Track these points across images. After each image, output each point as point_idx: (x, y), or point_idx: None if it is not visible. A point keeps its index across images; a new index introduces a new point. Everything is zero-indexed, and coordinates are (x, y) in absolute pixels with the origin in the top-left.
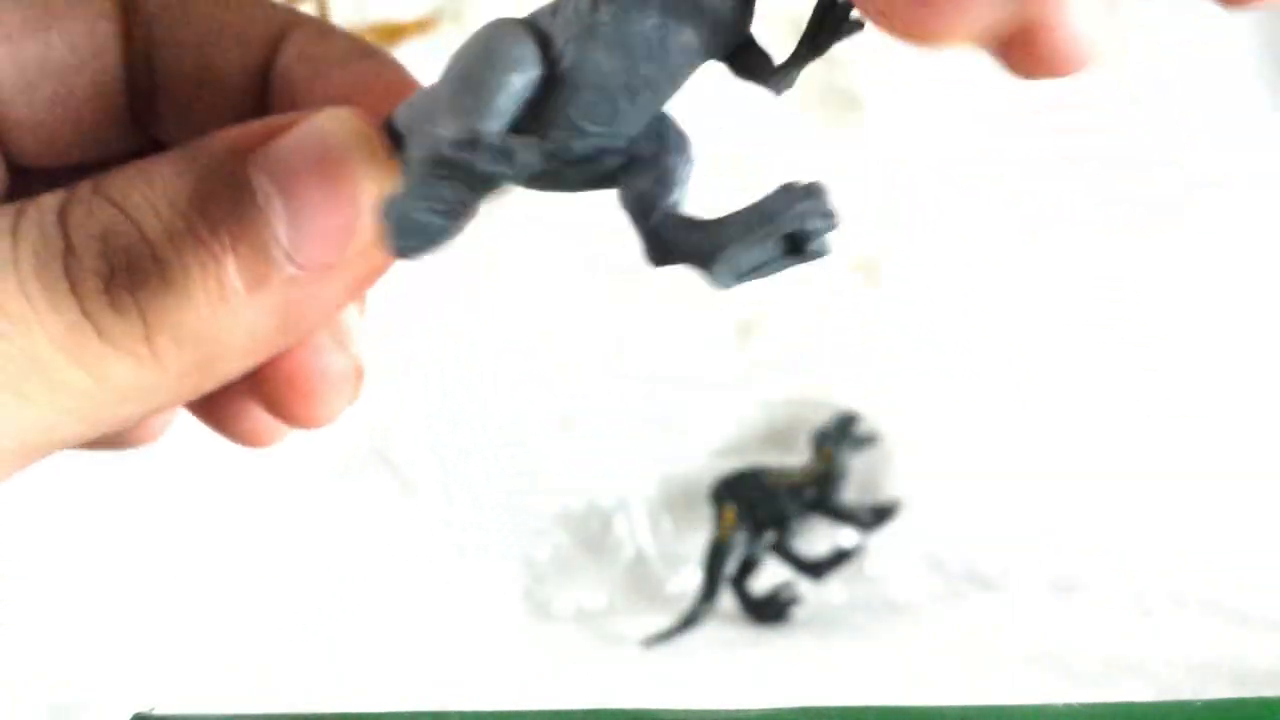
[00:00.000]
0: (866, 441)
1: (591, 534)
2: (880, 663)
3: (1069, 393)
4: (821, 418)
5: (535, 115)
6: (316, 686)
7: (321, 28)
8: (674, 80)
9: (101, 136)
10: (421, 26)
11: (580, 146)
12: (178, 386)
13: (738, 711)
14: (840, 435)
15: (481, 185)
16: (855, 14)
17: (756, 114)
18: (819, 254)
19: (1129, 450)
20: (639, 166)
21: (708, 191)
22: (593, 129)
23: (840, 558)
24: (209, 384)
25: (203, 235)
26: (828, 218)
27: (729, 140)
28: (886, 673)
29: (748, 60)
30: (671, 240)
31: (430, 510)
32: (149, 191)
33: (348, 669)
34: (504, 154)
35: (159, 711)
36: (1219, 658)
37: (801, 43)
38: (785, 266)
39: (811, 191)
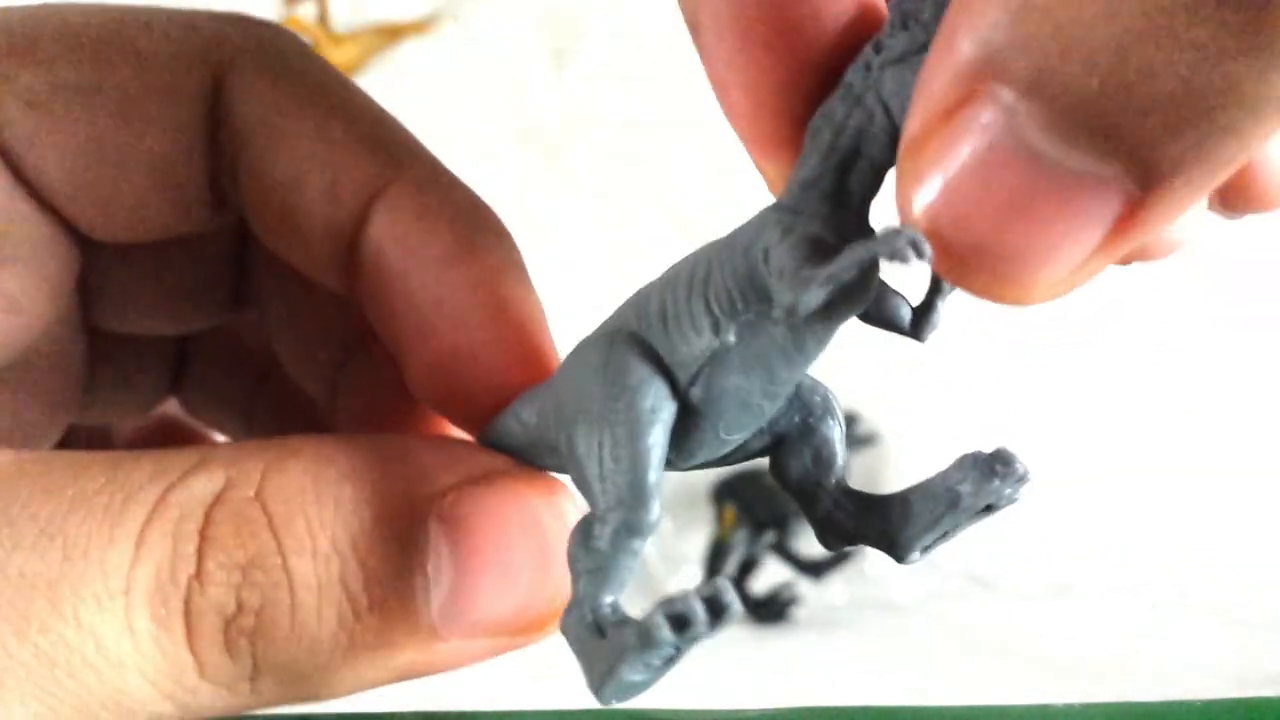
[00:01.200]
0: (866, 441)
1: None
2: (880, 663)
3: (1068, 393)
4: None
5: (674, 443)
6: None
7: (423, 185)
8: (808, 367)
9: (193, 312)
10: (421, 26)
11: (724, 453)
12: (259, 707)
13: (738, 711)
14: None
15: (690, 639)
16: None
17: None
18: (1010, 504)
19: (1128, 451)
20: (788, 445)
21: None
22: (736, 438)
23: (840, 558)
24: (298, 704)
25: (354, 590)
26: (1021, 484)
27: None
28: (886, 673)
29: (882, 314)
30: (847, 529)
31: None
32: (316, 516)
33: None
34: (722, 619)
35: None
36: (1219, 658)
37: (932, 280)
38: (968, 526)
39: (1002, 467)
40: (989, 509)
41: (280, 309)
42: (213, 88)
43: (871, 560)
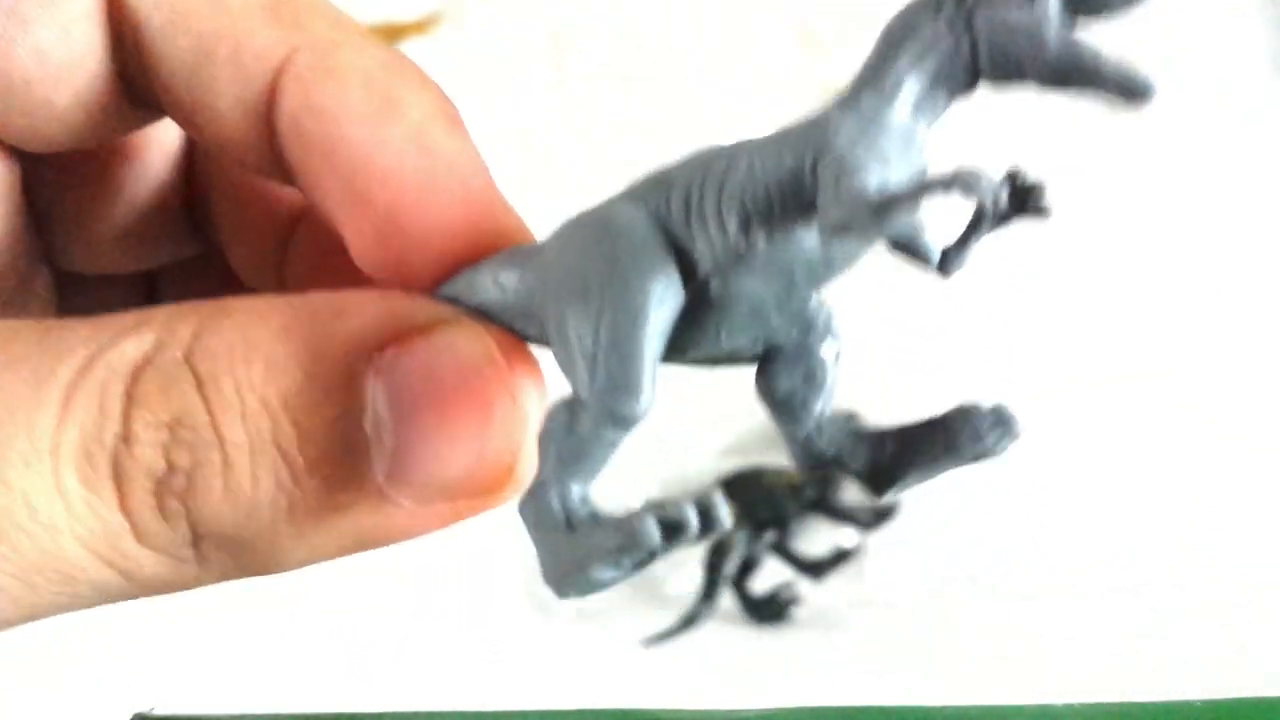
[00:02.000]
0: None
1: None
2: (880, 663)
3: (1068, 392)
4: None
5: (673, 336)
6: (316, 686)
7: (331, 45)
8: (829, 281)
9: (153, 243)
10: (421, 26)
11: (717, 353)
12: (218, 581)
13: (738, 711)
14: None
15: (673, 548)
16: (1045, 199)
17: (756, 113)
18: (993, 457)
19: (1129, 450)
20: (781, 358)
21: None
22: (735, 340)
23: (840, 558)
24: (254, 576)
25: (288, 449)
26: (1014, 436)
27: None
28: (886, 673)
29: (911, 245)
30: (828, 455)
31: None
32: (245, 374)
33: (348, 669)
34: (712, 530)
35: (159, 711)
36: (1219, 658)
37: (976, 217)
38: (954, 468)
39: (999, 417)
40: (974, 459)
41: (226, 218)
42: None
43: (871, 560)
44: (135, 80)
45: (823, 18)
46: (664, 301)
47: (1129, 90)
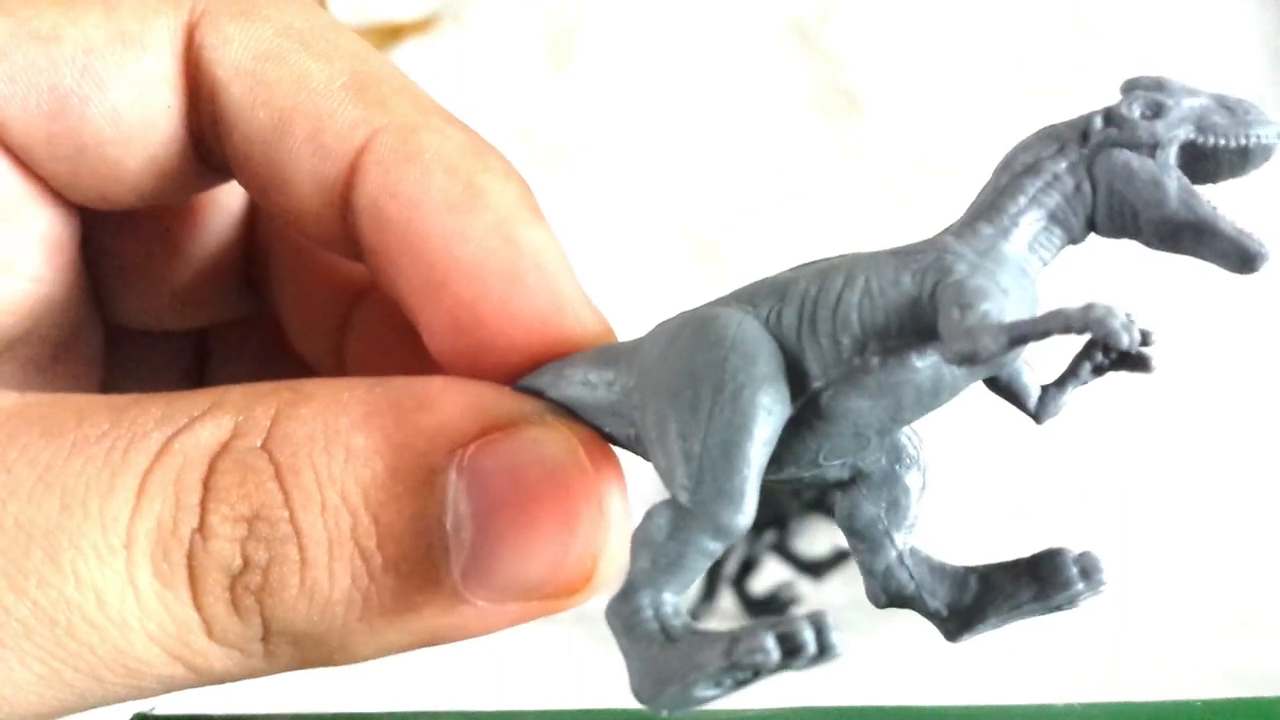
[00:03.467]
0: None
1: None
2: (880, 663)
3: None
4: None
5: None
6: (316, 686)
7: (415, 127)
8: (930, 412)
9: (208, 302)
10: (421, 26)
11: (810, 475)
12: (278, 671)
13: (738, 711)
14: None
15: (785, 670)
16: (1149, 349)
17: (756, 112)
18: (1070, 608)
19: (1128, 450)
20: (866, 485)
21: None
22: (832, 464)
23: (840, 558)
24: (319, 668)
25: (367, 546)
26: (1100, 591)
27: (728, 140)
28: (886, 673)
29: (1012, 385)
30: (908, 591)
31: None
32: (326, 466)
33: (348, 669)
34: (826, 652)
35: (159, 711)
36: (1219, 658)
37: (1078, 363)
38: (1027, 618)
39: (1088, 568)
40: (1058, 609)
41: (286, 285)
42: (185, 36)
43: None
44: (207, 146)
45: (822, 19)
46: (773, 413)
47: (1243, 253)
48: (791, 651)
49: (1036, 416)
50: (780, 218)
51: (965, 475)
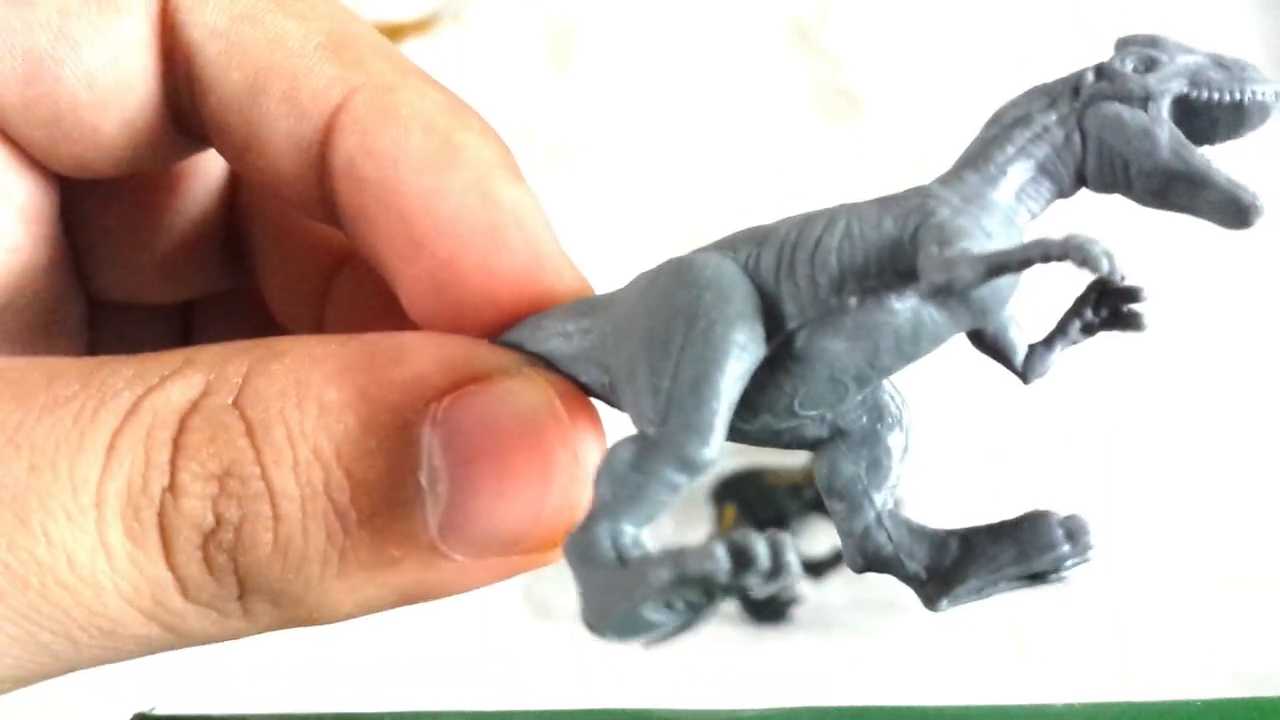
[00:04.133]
0: None
1: None
2: (880, 663)
3: (1067, 392)
4: None
5: (746, 394)
6: (316, 686)
7: (391, 86)
8: (911, 363)
9: (190, 274)
10: (421, 26)
11: (785, 425)
12: (264, 632)
13: (738, 711)
14: None
15: (738, 594)
16: (1141, 306)
17: (756, 112)
18: (1058, 583)
19: (1128, 450)
20: (847, 443)
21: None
22: (808, 413)
23: (840, 558)
24: (300, 627)
25: (340, 502)
26: (1086, 557)
27: (728, 140)
28: (886, 673)
29: (998, 341)
30: (886, 553)
31: None
32: (298, 422)
33: (348, 669)
34: (780, 569)
35: (159, 711)
36: (1219, 658)
37: (1065, 323)
38: (1013, 590)
39: (1074, 532)
40: (1037, 576)
41: (267, 255)
42: None
43: None
44: (184, 110)
45: (822, 19)
46: (745, 350)
47: (1236, 206)
48: (743, 564)
49: (1023, 375)
50: (780, 218)
51: (955, 462)
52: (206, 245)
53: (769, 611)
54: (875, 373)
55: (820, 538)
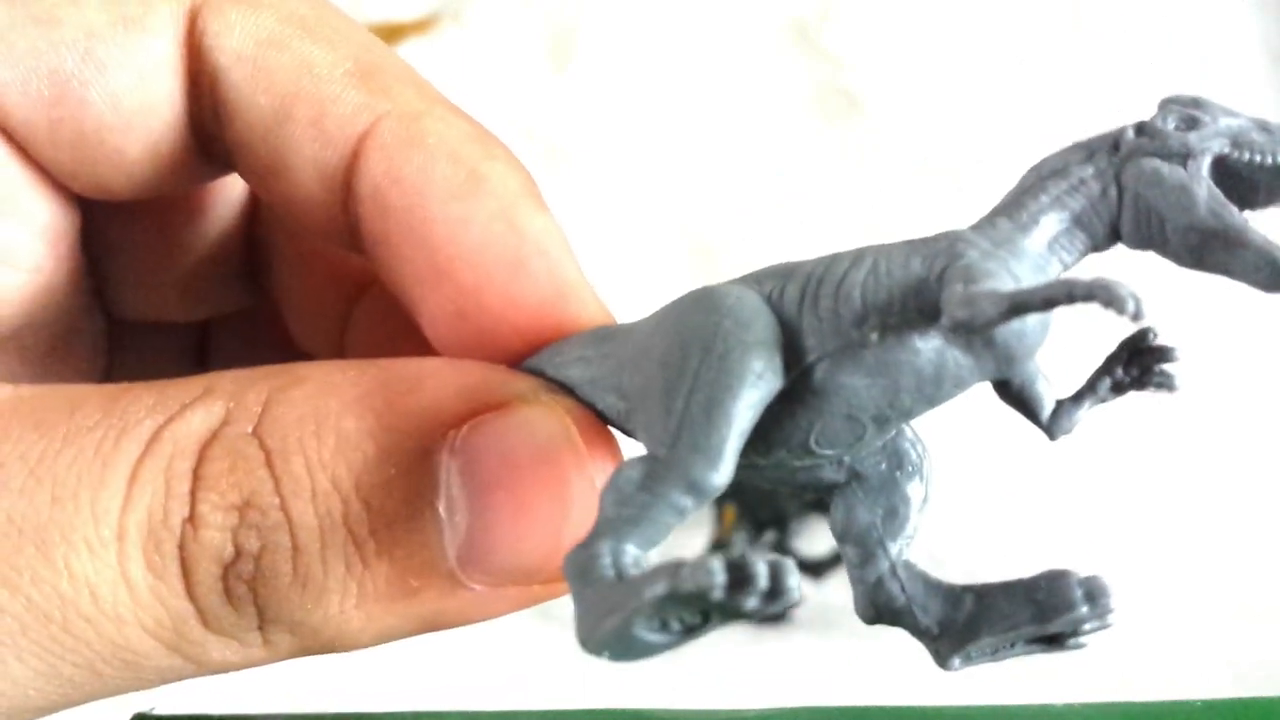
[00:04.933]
0: None
1: None
2: (880, 663)
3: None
4: None
5: (761, 426)
6: (316, 686)
7: (418, 114)
8: (933, 408)
9: (209, 294)
10: (421, 26)
11: (801, 464)
12: (283, 660)
13: (738, 711)
14: None
15: (736, 618)
16: (1172, 366)
17: (756, 112)
18: (1076, 649)
19: (1128, 450)
20: (864, 489)
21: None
22: (825, 452)
23: (840, 558)
24: (319, 655)
25: (359, 533)
26: (1106, 622)
27: (728, 140)
28: (886, 673)
29: (1025, 393)
30: (899, 605)
31: None
32: (316, 452)
33: (348, 669)
34: (779, 593)
35: (159, 711)
36: (1219, 658)
37: (1095, 380)
38: (1028, 653)
39: (1093, 594)
40: (1054, 640)
41: (287, 278)
42: (188, 21)
43: None
44: (208, 134)
45: (822, 19)
46: (762, 378)
47: (1272, 268)
48: (740, 583)
49: (1049, 431)
50: (780, 218)
51: (967, 486)
52: (226, 266)
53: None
54: (895, 414)
55: (820, 538)
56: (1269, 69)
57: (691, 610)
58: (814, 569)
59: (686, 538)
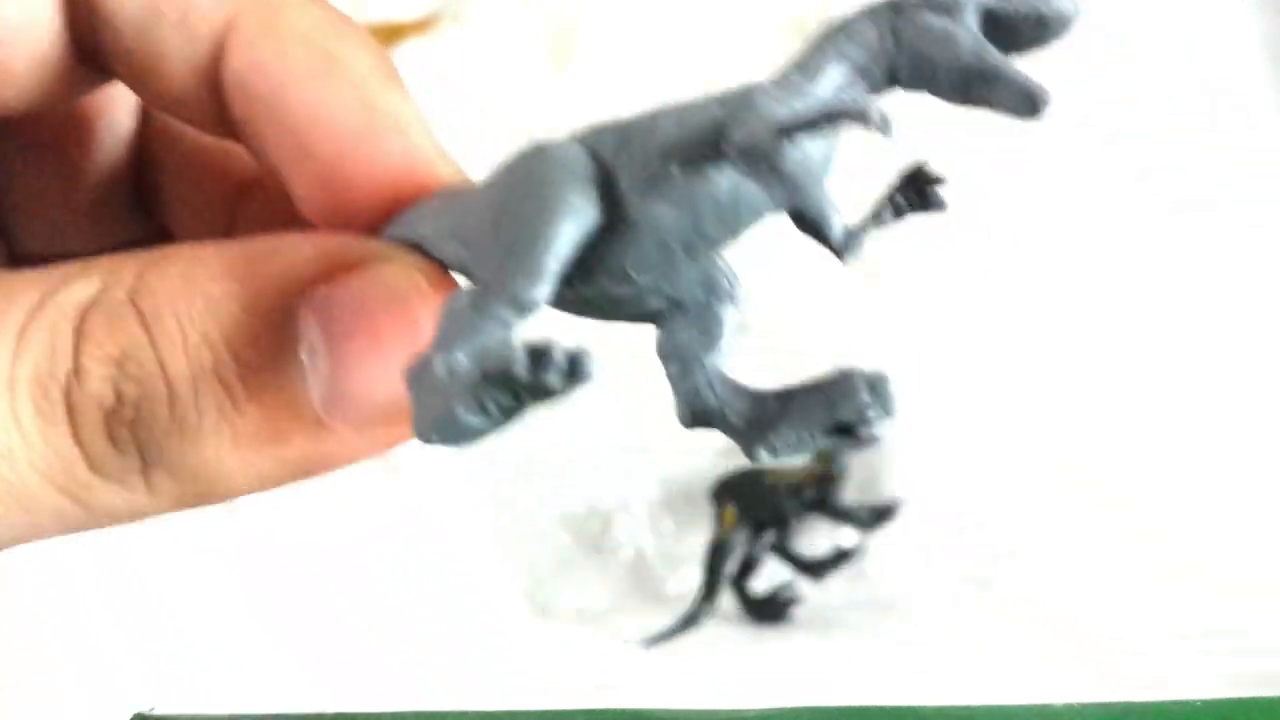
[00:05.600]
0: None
1: (592, 534)
2: (880, 663)
3: (1068, 393)
4: None
5: (582, 258)
6: (316, 686)
7: (276, 6)
8: (736, 236)
9: (104, 222)
10: (421, 26)
11: (623, 292)
12: (170, 509)
13: (738, 711)
14: None
15: (543, 397)
16: (941, 190)
17: None
18: (871, 441)
19: (1128, 451)
20: (683, 314)
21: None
22: (641, 278)
23: (840, 558)
24: (207, 506)
25: (228, 379)
26: (888, 410)
27: None
28: (886, 673)
29: (817, 222)
30: (711, 407)
31: (431, 512)
32: (186, 311)
33: (348, 669)
34: (578, 374)
35: (159, 711)
36: (1219, 658)
37: (878, 207)
38: (827, 444)
39: (876, 386)
40: (849, 430)
41: (171, 190)
42: None
43: (872, 560)
44: (85, 41)
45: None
46: (579, 210)
47: (1027, 98)
48: (540, 362)
49: (839, 253)
50: (780, 217)
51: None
52: (118, 192)
53: (769, 611)
54: (702, 241)
55: (820, 538)
56: (1269, 69)
57: (504, 392)
58: (814, 569)
59: (688, 537)
